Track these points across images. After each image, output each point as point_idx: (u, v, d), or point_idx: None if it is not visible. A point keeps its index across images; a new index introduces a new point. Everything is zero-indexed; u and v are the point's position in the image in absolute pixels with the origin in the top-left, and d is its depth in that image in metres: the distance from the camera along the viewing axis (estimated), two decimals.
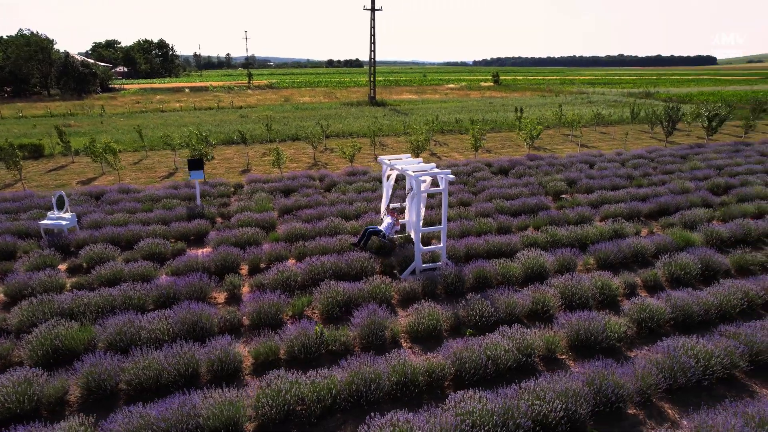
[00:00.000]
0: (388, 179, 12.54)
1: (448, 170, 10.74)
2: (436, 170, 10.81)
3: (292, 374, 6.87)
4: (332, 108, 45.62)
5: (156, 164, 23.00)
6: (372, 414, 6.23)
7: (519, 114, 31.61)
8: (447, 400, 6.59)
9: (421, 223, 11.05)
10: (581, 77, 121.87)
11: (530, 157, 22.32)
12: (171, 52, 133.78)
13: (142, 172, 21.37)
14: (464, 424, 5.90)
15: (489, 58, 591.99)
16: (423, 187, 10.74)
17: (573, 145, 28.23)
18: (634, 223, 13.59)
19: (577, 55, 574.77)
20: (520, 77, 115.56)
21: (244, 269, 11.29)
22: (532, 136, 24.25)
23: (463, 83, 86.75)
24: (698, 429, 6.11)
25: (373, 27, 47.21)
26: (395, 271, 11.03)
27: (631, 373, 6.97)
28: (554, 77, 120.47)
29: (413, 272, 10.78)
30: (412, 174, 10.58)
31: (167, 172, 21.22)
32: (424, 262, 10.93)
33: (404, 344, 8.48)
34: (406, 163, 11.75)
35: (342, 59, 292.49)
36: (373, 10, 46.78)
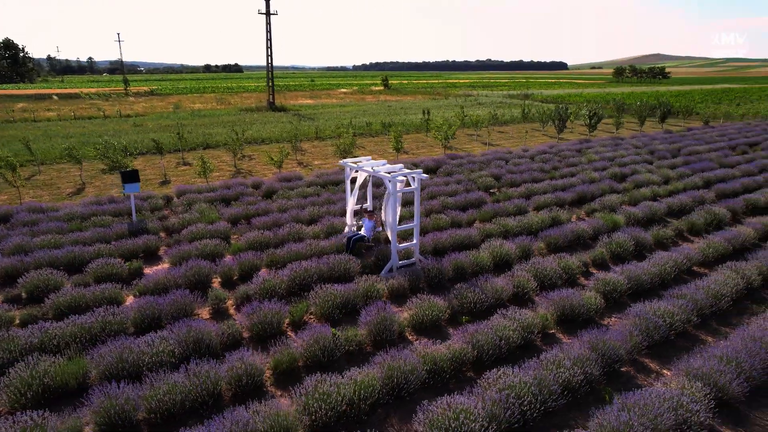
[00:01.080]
0: (353, 182, 12.70)
1: (420, 170, 11.24)
2: (406, 171, 11.25)
3: (330, 377, 6.86)
4: (231, 114, 43.93)
5: (55, 180, 20.57)
6: (421, 402, 6.50)
7: (426, 116, 33.19)
8: (480, 380, 7.06)
9: (397, 222, 11.39)
10: (461, 80, 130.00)
11: (450, 157, 23.67)
12: (22, 54, 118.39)
13: (43, 189, 19.03)
14: (510, 396, 6.42)
15: (368, 63, 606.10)
16: (398, 187, 11.11)
17: (478, 144, 30.39)
18: (561, 211, 15.20)
19: (450, 60, 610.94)
20: (405, 81, 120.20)
21: (216, 282, 10.78)
22: (447, 136, 25.71)
23: (355, 87, 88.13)
24: (687, 373, 7.25)
25: (269, 31, 46.32)
26: (368, 271, 11.27)
27: (620, 337, 8.01)
28: (436, 81, 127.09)
29: (390, 270, 11.12)
30: (388, 175, 10.91)
31: (74, 188, 19.11)
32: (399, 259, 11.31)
33: (410, 337, 8.80)
34: (372, 165, 12.02)
35: (220, 64, 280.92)
36: (268, 14, 45.90)
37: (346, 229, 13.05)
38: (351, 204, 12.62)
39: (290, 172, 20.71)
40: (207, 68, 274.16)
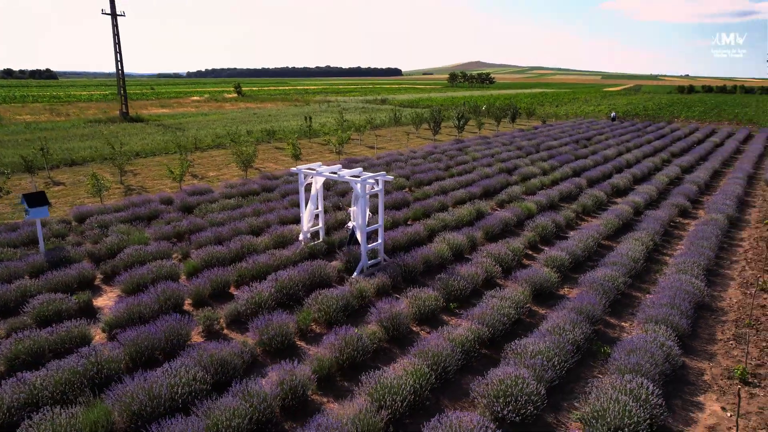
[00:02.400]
0: (309, 188, 12.62)
1: (383, 172, 11.73)
2: (369, 174, 11.66)
3: (383, 371, 7.09)
4: (79, 127, 38.77)
5: None
6: (481, 374, 7.13)
7: (308, 122, 33.33)
8: (505, 353, 7.93)
9: (366, 224, 11.69)
10: (310, 87, 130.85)
11: (350, 161, 24.30)
12: None
13: None
14: (543, 360, 7.37)
15: (204, 69, 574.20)
16: (367, 189, 11.43)
17: (363, 147, 31.50)
18: (481, 203, 16.88)
19: (290, 66, 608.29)
20: (256, 88, 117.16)
21: (187, 304, 10.01)
22: (341, 141, 26.31)
23: (206, 95, 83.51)
24: (647, 320, 8.98)
25: (116, 34, 41.89)
26: (341, 273, 11.47)
27: (594, 301, 9.52)
28: (285, 87, 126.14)
29: (362, 270, 11.44)
30: (358, 178, 11.20)
31: None
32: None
33: (415, 328, 9.32)
34: (328, 171, 12.16)
35: (26, 69, 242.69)
36: (114, 15, 41.51)
37: (301, 236, 12.93)
38: (309, 210, 12.56)
39: (193, 185, 19.42)
40: (8, 73, 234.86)
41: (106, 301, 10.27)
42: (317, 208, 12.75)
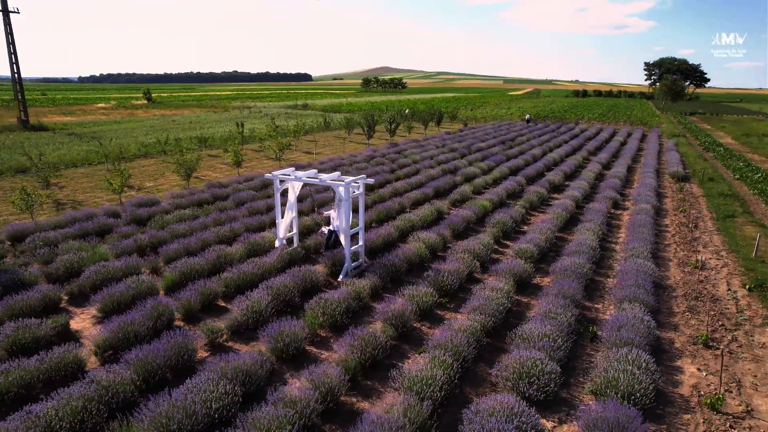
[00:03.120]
0: (284, 194, 12.44)
1: (364, 175, 11.91)
2: (351, 177, 11.79)
3: (413, 366, 7.33)
4: None
5: None
6: (490, 362, 7.60)
7: (241, 129, 32.42)
8: (507, 339, 8.50)
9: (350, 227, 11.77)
10: (223, 92, 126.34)
11: (295, 166, 24.02)
12: None
13: None
14: (549, 341, 8.02)
15: (99, 74, 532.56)
16: (343, 193, 11.53)
17: (300, 153, 31.23)
18: (438, 203, 17.55)
19: (195, 71, 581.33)
20: (165, 94, 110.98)
21: (178, 319, 9.56)
22: (282, 147, 25.95)
23: (113, 102, 77.71)
24: (622, 300, 10.00)
25: (9, 33, 37.93)
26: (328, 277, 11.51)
27: (575, 285, 10.39)
28: (196, 93, 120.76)
29: (346, 273, 11.56)
30: (342, 182, 11.30)
31: None
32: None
33: (416, 324, 9.63)
34: (306, 176, 12.12)
35: None
36: (6, 12, 37.57)
37: (277, 243, 12.74)
38: (287, 216, 12.40)
39: (133, 197, 18.25)
40: None
41: (82, 323, 9.51)
42: (293, 214, 12.63)
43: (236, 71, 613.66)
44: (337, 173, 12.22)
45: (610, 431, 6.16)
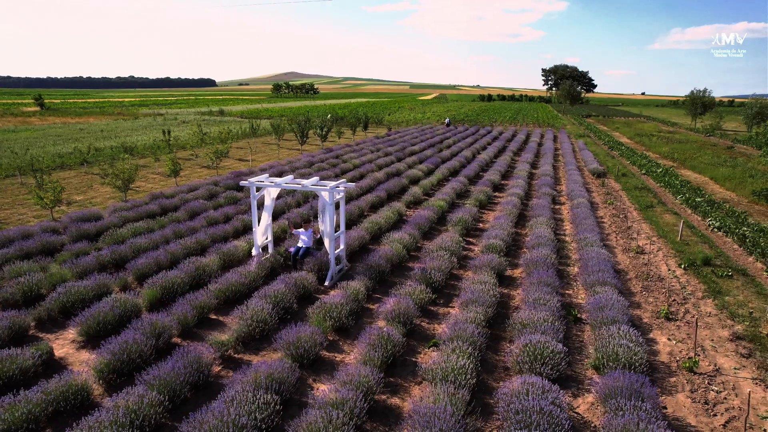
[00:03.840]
0: (265, 202, 12.18)
1: (344, 180, 12.02)
2: (332, 182, 11.88)
3: (431, 359, 7.68)
4: None
5: None
6: (496, 350, 8.16)
7: (168, 136, 30.81)
8: (506, 326, 9.14)
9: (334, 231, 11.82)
10: (125, 99, 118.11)
11: (235, 174, 23.35)
12: None
13: None
14: (549, 325, 8.75)
15: None
16: (327, 198, 11.59)
17: (232, 160, 30.28)
18: (396, 205, 18.01)
19: (85, 76, 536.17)
20: (58, 100, 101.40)
21: (176, 336, 9.11)
22: (221, 154, 25.10)
23: None
24: (593, 284, 11.06)
25: None
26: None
27: (552, 275, 11.28)
28: (93, 100, 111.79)
29: (332, 277, 11.65)
30: (326, 187, 11.34)
31: None
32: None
33: (416, 321, 9.97)
34: (284, 182, 12.01)
35: None
36: None
37: (254, 251, 12.46)
38: (263, 223, 12.17)
39: (74, 211, 16.82)
40: None
41: (63, 349, 8.75)
42: (269, 221, 12.43)
43: (132, 76, 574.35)
44: (315, 178, 12.25)
45: (629, 396, 6.93)
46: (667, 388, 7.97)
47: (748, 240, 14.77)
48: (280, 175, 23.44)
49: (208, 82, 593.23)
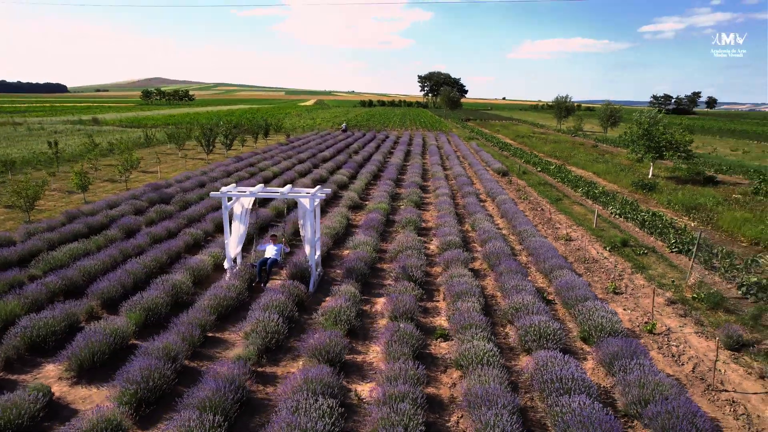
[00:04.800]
0: (236, 211, 11.70)
1: (320, 186, 12.08)
2: (312, 189, 11.90)
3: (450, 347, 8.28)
4: None
5: None
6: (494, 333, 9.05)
7: (55, 148, 27.55)
8: (501, 309, 10.07)
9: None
10: None
11: (153, 186, 21.75)
12: None
13: None
14: (537, 306, 9.84)
15: None
16: (308, 204, 11.59)
17: (136, 172, 27.96)
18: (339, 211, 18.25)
19: None
20: None
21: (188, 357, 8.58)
22: (132, 165, 23.19)
23: None
24: (552, 269, 12.48)
25: None
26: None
27: (517, 265, 12.45)
28: None
29: (314, 283, 11.71)
30: (308, 194, 11.36)
31: None
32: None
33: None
34: (260, 191, 11.76)
35: None
36: None
37: (226, 264, 11.97)
38: (236, 234, 11.74)
39: None
40: None
41: (56, 388, 7.83)
42: (243, 232, 12.04)
43: None
44: (288, 186, 12.16)
45: (627, 356, 8.16)
46: (640, 348, 9.42)
47: (647, 223, 17.52)
48: (202, 185, 22.32)
49: (58, 88, 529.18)
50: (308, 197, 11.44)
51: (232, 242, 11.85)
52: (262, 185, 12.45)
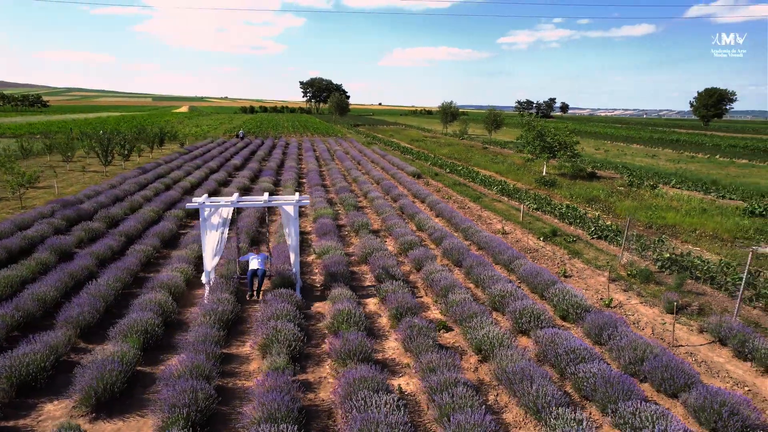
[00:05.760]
0: (213, 222, 11.15)
1: (302, 195, 12.03)
2: (295, 197, 11.81)
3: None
4: None
5: None
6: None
7: None
8: (486, 294, 11.05)
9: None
10: None
11: (64, 203, 19.49)
12: None
13: None
14: (515, 292, 10.97)
15: None
16: (291, 212, 11.51)
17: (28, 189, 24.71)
18: None
19: None
20: None
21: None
22: (30, 179, 20.60)
23: None
24: (511, 259, 13.80)
25: None
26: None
27: (481, 258, 13.53)
28: None
29: (300, 290, 11.73)
30: (292, 202, 11.29)
31: None
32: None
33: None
34: (238, 201, 11.42)
35: None
36: None
37: (204, 278, 11.41)
38: (211, 247, 11.22)
39: None
40: None
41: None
42: (222, 244, 11.57)
43: None
44: (265, 194, 11.97)
45: (612, 326, 9.53)
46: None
47: (566, 215, 19.87)
48: (118, 200, 20.52)
49: None
50: (292, 204, 11.42)
51: (208, 255, 11.36)
52: (237, 194, 12.08)
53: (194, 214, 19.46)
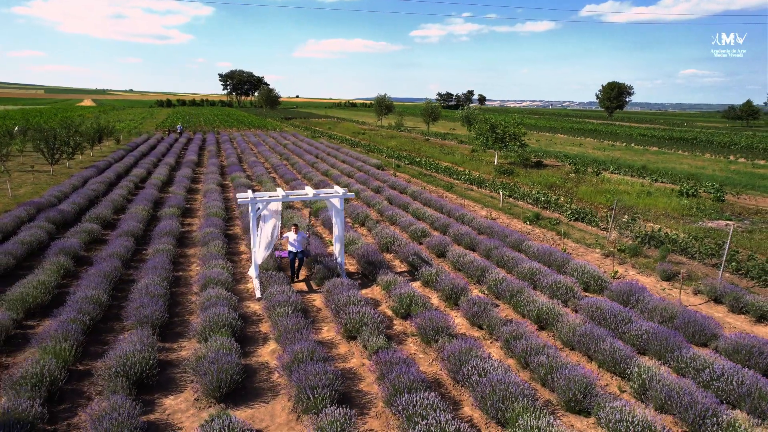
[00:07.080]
0: (262, 217, 11.34)
1: (344, 189, 12.45)
2: (342, 190, 12.25)
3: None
4: None
5: None
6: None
7: None
8: (487, 280, 12.31)
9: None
10: None
11: (39, 206, 18.21)
12: None
13: None
14: (506, 279, 12.33)
15: None
16: (338, 204, 11.97)
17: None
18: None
19: None
20: None
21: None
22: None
23: None
24: (503, 236, 15.19)
25: None
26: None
27: (492, 243, 14.74)
28: None
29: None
30: (338, 195, 11.79)
31: None
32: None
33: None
34: (288, 195, 11.76)
35: None
36: None
37: (254, 272, 11.59)
38: (265, 240, 11.45)
39: None
40: None
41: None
42: (272, 237, 11.79)
43: None
44: (309, 189, 12.34)
45: (637, 291, 11.11)
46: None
47: (539, 200, 21.71)
48: (93, 200, 19.51)
49: None
50: (339, 197, 11.91)
51: (260, 248, 11.60)
52: (281, 189, 12.35)
53: (187, 212, 19.08)
